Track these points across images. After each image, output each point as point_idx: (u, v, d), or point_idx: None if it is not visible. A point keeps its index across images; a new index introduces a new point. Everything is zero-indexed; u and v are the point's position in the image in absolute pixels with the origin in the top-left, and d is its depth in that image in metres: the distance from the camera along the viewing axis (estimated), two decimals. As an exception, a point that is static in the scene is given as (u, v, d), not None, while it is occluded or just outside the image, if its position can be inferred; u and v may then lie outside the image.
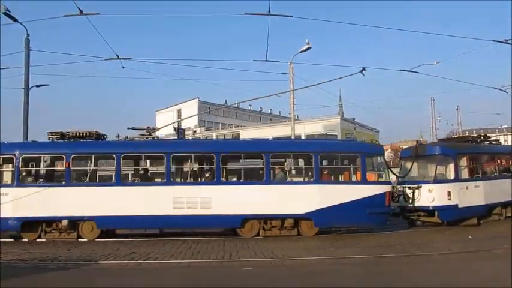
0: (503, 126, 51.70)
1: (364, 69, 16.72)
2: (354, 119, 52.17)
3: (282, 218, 12.45)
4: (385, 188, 12.87)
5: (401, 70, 19.33)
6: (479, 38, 30.43)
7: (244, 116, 75.93)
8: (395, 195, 14.13)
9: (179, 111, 70.66)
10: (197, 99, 68.89)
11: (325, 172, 13.35)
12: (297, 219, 12.49)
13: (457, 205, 13.50)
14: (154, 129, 13.88)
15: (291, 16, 15.24)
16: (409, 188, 13.89)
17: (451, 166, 14.01)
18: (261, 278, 7.55)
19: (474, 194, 13.96)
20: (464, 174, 14.34)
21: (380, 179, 13.67)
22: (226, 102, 74.26)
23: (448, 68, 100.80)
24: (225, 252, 9.95)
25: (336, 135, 41.39)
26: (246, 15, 14.62)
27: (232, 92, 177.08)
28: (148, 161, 13.59)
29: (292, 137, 25.29)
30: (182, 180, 13.36)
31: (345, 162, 13.84)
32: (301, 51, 23.69)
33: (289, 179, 13.42)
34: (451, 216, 13.73)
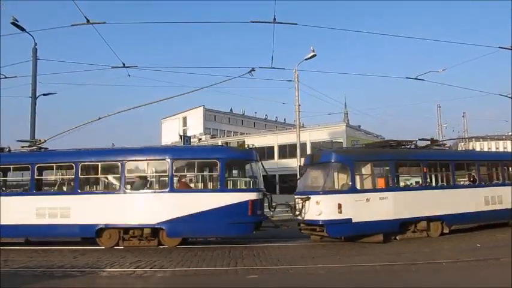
0: (510, 133, 51.42)
1: (253, 69, 16.31)
2: (359, 126, 52.24)
3: (140, 228, 12.22)
4: (248, 196, 12.01)
5: (407, 78, 19.32)
6: (486, 45, 30.38)
7: (249, 123, 76.20)
8: (273, 204, 13.25)
9: (184, 119, 71.03)
10: (202, 107, 69.20)
11: (183, 180, 12.95)
12: (154, 229, 12.21)
13: (350, 219, 11.91)
14: (41, 141, 14.26)
15: (296, 24, 15.34)
16: (301, 199, 12.77)
17: (347, 175, 12.55)
18: (266, 286, 7.52)
19: (378, 207, 12.23)
20: (368, 184, 12.84)
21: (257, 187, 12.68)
22: (231, 110, 74.89)
23: (454, 75, 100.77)
24: (230, 259, 9.93)
25: (342, 143, 41.35)
26: (252, 23, 14.76)
27: (237, 99, 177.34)
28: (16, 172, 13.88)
29: (298, 145, 25.34)
30: (48, 189, 13.83)
31: (205, 169, 13.58)
32: (306, 59, 23.81)
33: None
34: (342, 232, 12.27)
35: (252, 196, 12.08)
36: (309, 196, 12.54)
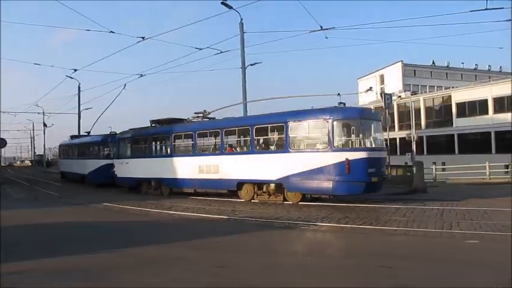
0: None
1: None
2: None
3: None
4: None
5: None
6: None
7: (455, 75, 68.36)
8: None
9: (381, 76, 68.38)
10: (400, 62, 65.19)
11: None
12: None
13: (116, 175, 20.46)
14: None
15: None
16: None
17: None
18: (489, 253, 6.77)
19: (126, 169, 19.69)
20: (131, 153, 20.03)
21: None
22: (433, 63, 68.39)
23: None
24: (443, 222, 9.26)
25: None
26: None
27: (440, 50, 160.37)
28: None
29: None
30: None
31: None
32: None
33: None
34: (116, 182, 20.82)
35: None
36: None
